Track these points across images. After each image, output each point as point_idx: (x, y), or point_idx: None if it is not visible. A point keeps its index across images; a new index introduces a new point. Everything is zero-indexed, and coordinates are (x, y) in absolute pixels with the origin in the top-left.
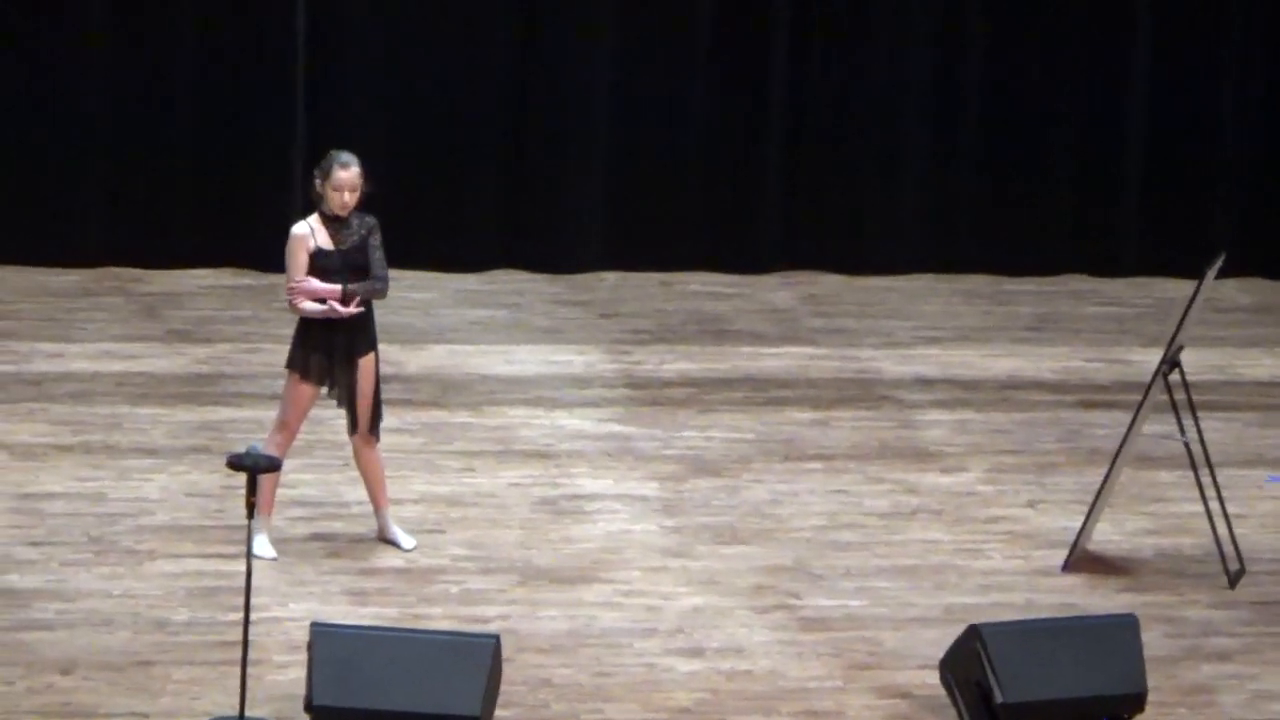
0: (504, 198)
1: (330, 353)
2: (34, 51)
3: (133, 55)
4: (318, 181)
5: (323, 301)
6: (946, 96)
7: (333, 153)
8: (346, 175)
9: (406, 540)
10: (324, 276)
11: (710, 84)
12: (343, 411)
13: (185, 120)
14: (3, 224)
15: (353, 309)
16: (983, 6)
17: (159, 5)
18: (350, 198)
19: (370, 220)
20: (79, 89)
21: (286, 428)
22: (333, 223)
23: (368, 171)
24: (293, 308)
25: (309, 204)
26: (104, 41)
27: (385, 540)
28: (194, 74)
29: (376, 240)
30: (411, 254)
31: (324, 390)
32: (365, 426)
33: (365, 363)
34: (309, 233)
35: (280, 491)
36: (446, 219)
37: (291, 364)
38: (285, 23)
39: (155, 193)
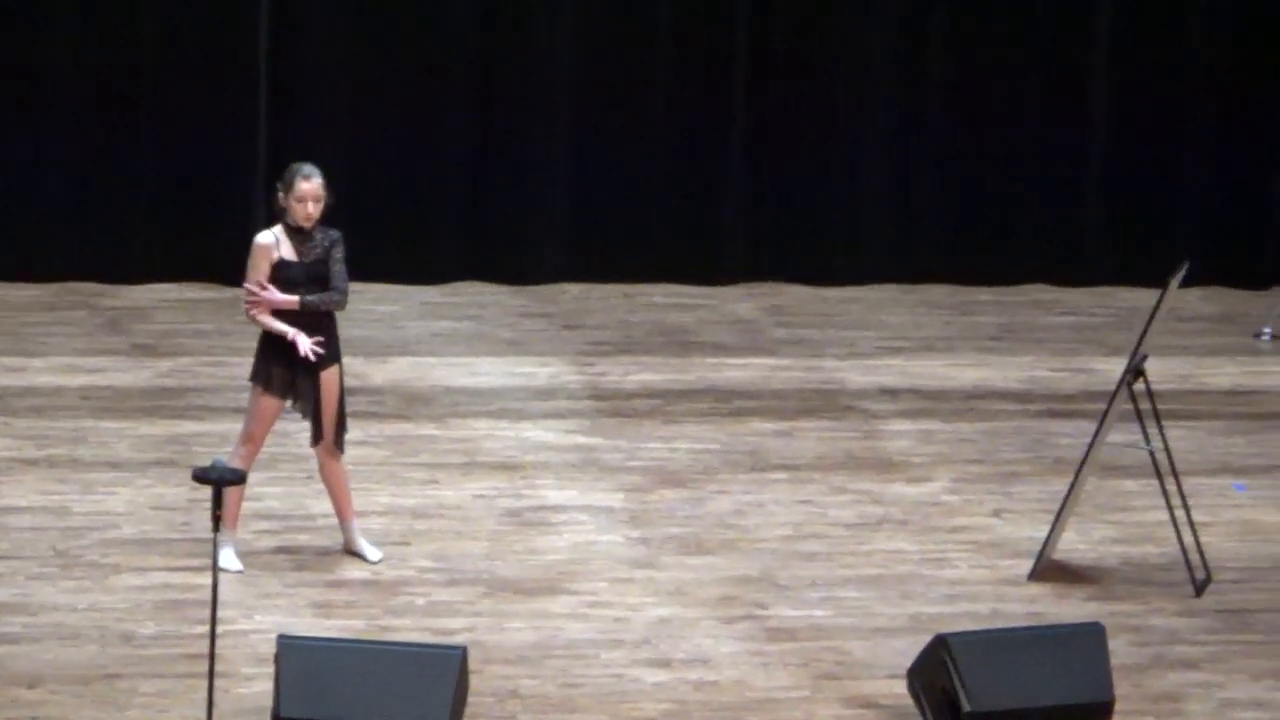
0: (466, 210)
1: (293, 365)
2: None
3: (95, 67)
4: (280, 194)
5: (283, 315)
6: (907, 107)
7: (294, 165)
8: (309, 186)
9: (372, 552)
10: (286, 288)
11: (672, 95)
12: (307, 424)
13: (147, 134)
14: None
15: (311, 350)
16: (944, 14)
17: (122, 18)
18: (314, 208)
19: (334, 234)
20: (41, 102)
21: (251, 440)
22: (296, 234)
23: (330, 184)
24: (251, 318)
25: (272, 216)
26: (67, 54)
27: (351, 552)
28: (156, 87)
29: (339, 253)
30: (375, 266)
31: (288, 403)
32: (329, 439)
33: (328, 375)
34: (273, 242)
35: (245, 504)
36: (409, 231)
37: (255, 376)
38: (247, 34)
39: (118, 207)
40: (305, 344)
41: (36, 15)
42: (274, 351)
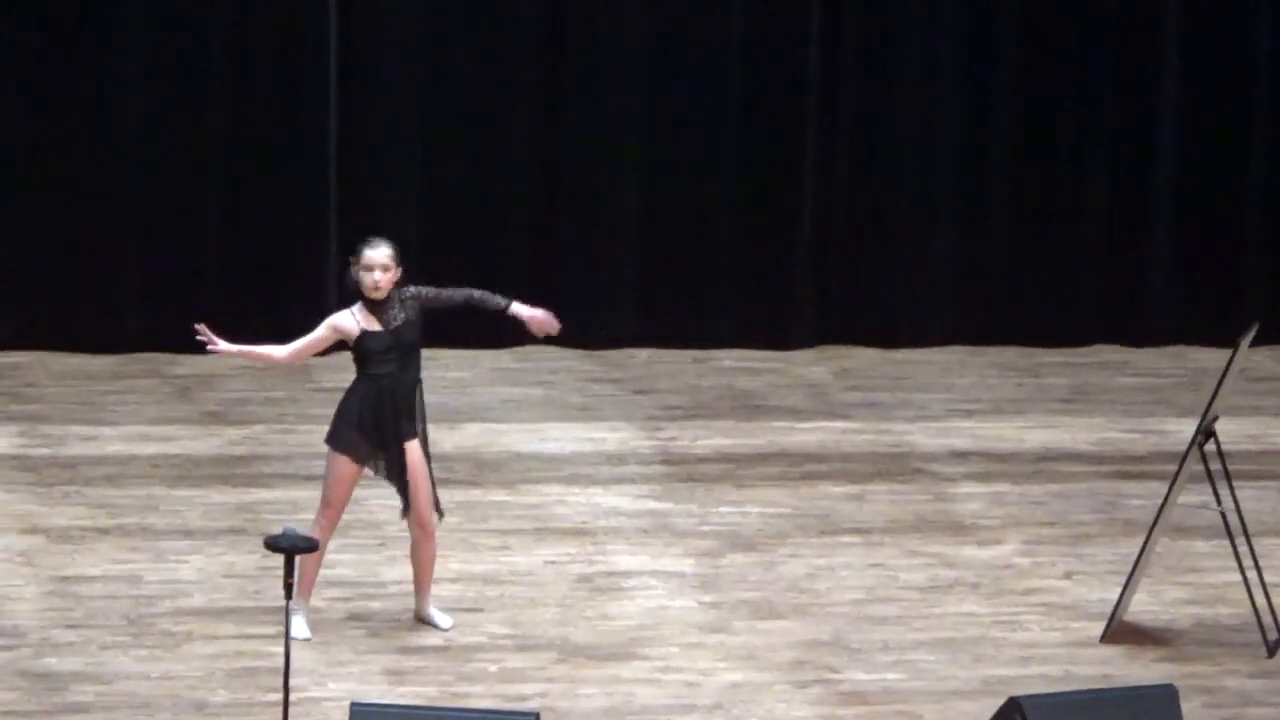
0: (535, 275)
1: (380, 434)
2: (68, 138)
3: (166, 141)
4: (352, 267)
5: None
6: (975, 169)
7: (366, 239)
8: (375, 254)
9: (444, 620)
10: (376, 360)
11: (741, 160)
12: (380, 490)
13: (218, 204)
14: (37, 310)
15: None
16: (1011, 80)
17: (192, 90)
18: (382, 277)
19: (410, 291)
20: (113, 175)
21: (330, 505)
22: (374, 306)
23: (400, 255)
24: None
25: (343, 292)
26: (138, 129)
27: (423, 620)
28: (227, 160)
29: (432, 292)
30: (445, 333)
31: (368, 471)
32: (426, 516)
33: (414, 448)
34: (351, 321)
35: (318, 572)
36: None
37: (330, 439)
38: (318, 107)
39: (187, 276)
40: (223, 346)
41: (106, 87)
42: (351, 414)
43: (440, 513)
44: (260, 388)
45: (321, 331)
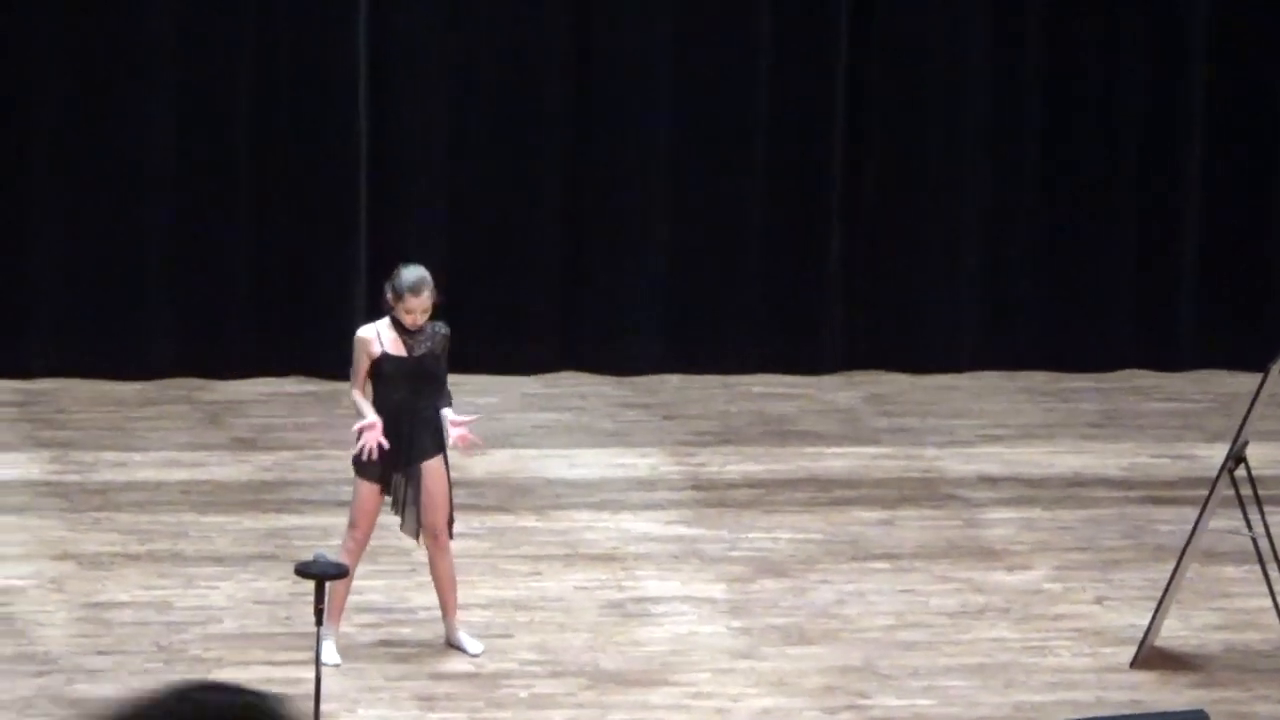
0: (565, 301)
1: (394, 456)
2: (98, 166)
3: (194, 167)
4: (389, 295)
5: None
6: (1004, 194)
7: (403, 272)
8: (417, 301)
9: (474, 645)
10: (391, 382)
11: (769, 185)
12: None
13: (247, 230)
14: (67, 336)
15: (371, 450)
16: (1039, 101)
17: (220, 113)
18: (422, 317)
19: (442, 330)
20: (140, 199)
21: (356, 527)
22: (403, 329)
23: (437, 283)
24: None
25: (373, 310)
26: (167, 157)
27: (453, 645)
28: (255, 186)
29: (444, 351)
30: (474, 358)
31: (386, 498)
32: (440, 530)
33: (433, 465)
34: (373, 337)
35: (348, 599)
36: (508, 323)
37: (354, 464)
38: (346, 130)
39: (218, 301)
40: (371, 440)
41: (134, 115)
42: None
43: (450, 535)
44: (290, 414)
45: (363, 357)
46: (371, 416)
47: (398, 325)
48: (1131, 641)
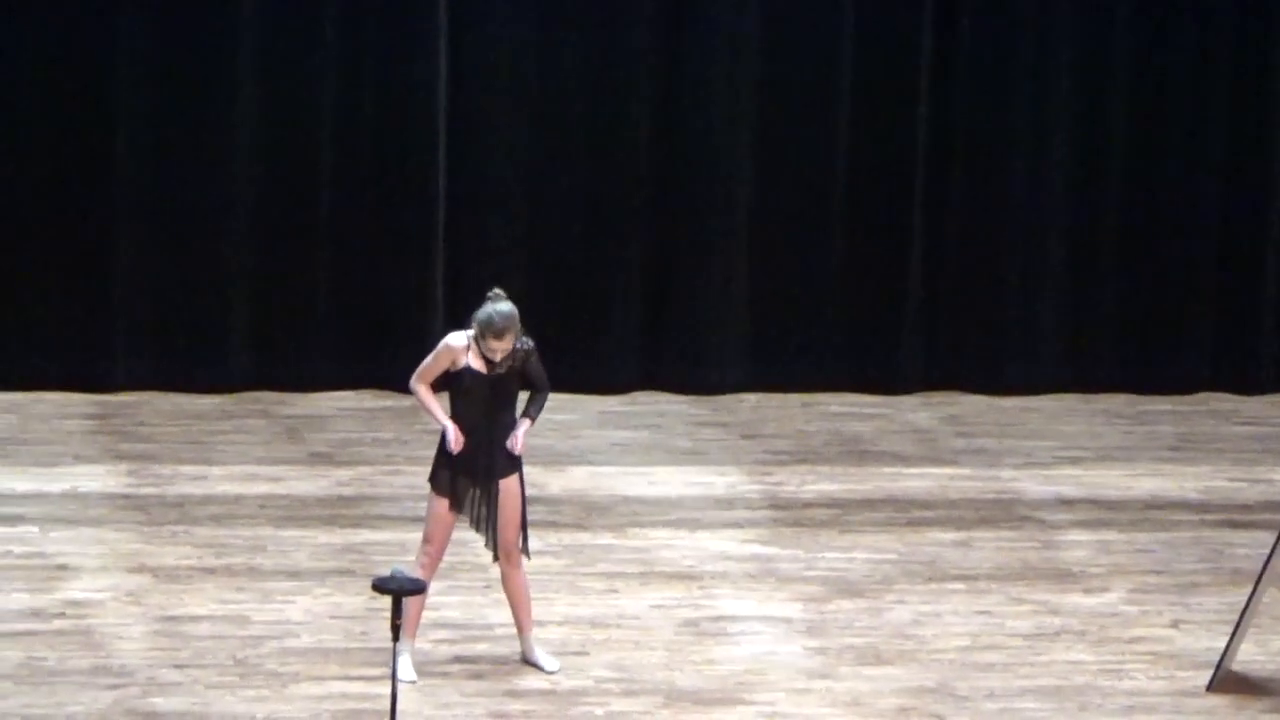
0: (645, 320)
1: (471, 472)
2: (179, 181)
3: (273, 181)
4: (475, 327)
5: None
6: (1084, 216)
7: (491, 310)
8: (499, 344)
9: (550, 662)
10: (469, 396)
11: (850, 206)
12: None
13: (325, 244)
14: (147, 350)
15: (455, 441)
16: (1122, 126)
17: (299, 132)
18: (500, 357)
19: (528, 345)
20: (222, 217)
21: (430, 542)
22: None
23: (520, 326)
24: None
25: (453, 324)
26: (246, 169)
27: (529, 663)
28: (333, 199)
29: (536, 361)
30: (553, 376)
31: (459, 514)
32: (512, 547)
33: (508, 484)
34: (462, 348)
35: (425, 614)
36: (588, 342)
37: (431, 479)
38: (426, 145)
39: (297, 316)
40: (452, 436)
41: (217, 131)
42: (444, 453)
43: (527, 555)
44: (368, 429)
45: (440, 351)
46: (446, 420)
47: (479, 347)
48: (1208, 665)
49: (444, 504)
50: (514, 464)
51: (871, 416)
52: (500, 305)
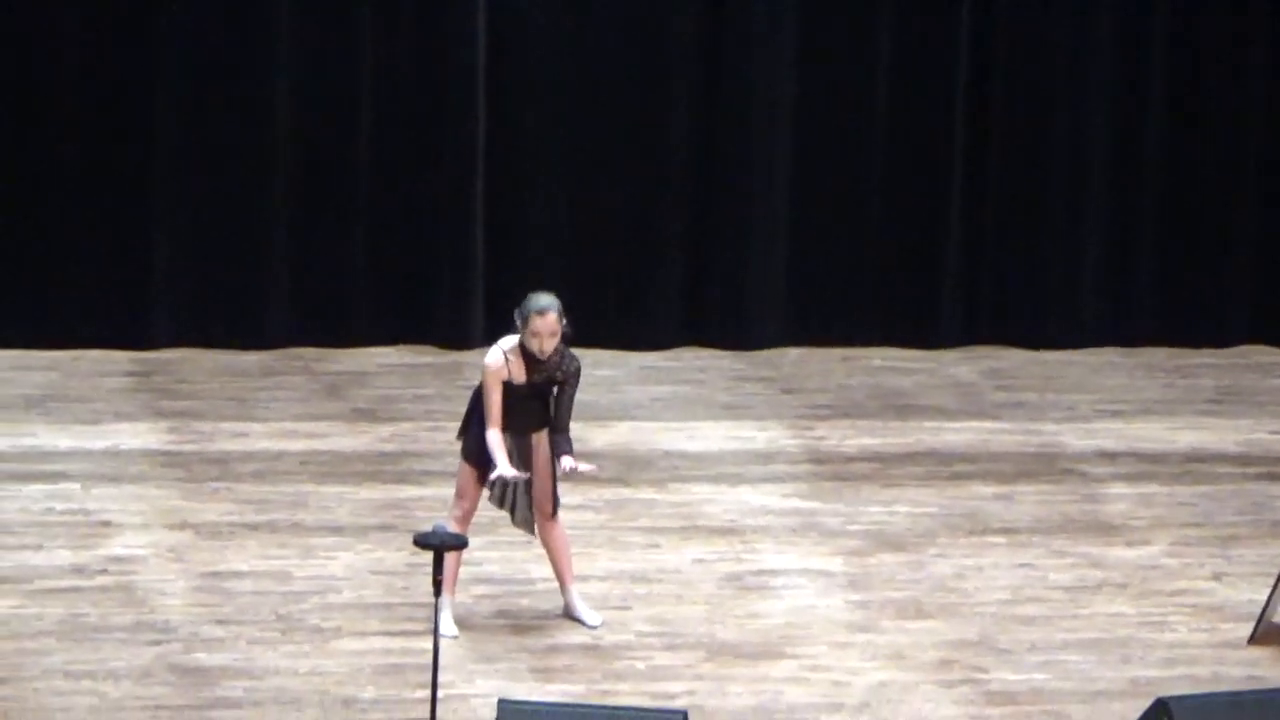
0: (686, 276)
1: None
2: (220, 141)
3: (313, 136)
4: (518, 320)
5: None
6: (1126, 170)
7: (532, 298)
8: (543, 322)
9: (592, 617)
10: (504, 406)
11: (890, 162)
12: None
13: (364, 199)
14: (187, 307)
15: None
16: (1163, 81)
17: (340, 86)
18: (549, 342)
19: (575, 364)
20: (261, 173)
21: (463, 496)
22: (531, 358)
23: (565, 316)
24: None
25: (493, 280)
26: (285, 125)
27: (571, 617)
28: (373, 154)
29: (571, 390)
30: (595, 332)
31: (485, 490)
32: (547, 501)
33: (540, 439)
34: (502, 364)
35: (465, 569)
36: (629, 297)
37: (460, 435)
38: (465, 100)
39: (337, 273)
40: (509, 474)
41: (256, 92)
42: (478, 415)
43: (554, 513)
44: (409, 385)
45: (487, 381)
46: (509, 471)
47: (525, 353)
48: (1249, 617)
49: (472, 471)
50: (546, 421)
51: (913, 371)
52: (535, 292)
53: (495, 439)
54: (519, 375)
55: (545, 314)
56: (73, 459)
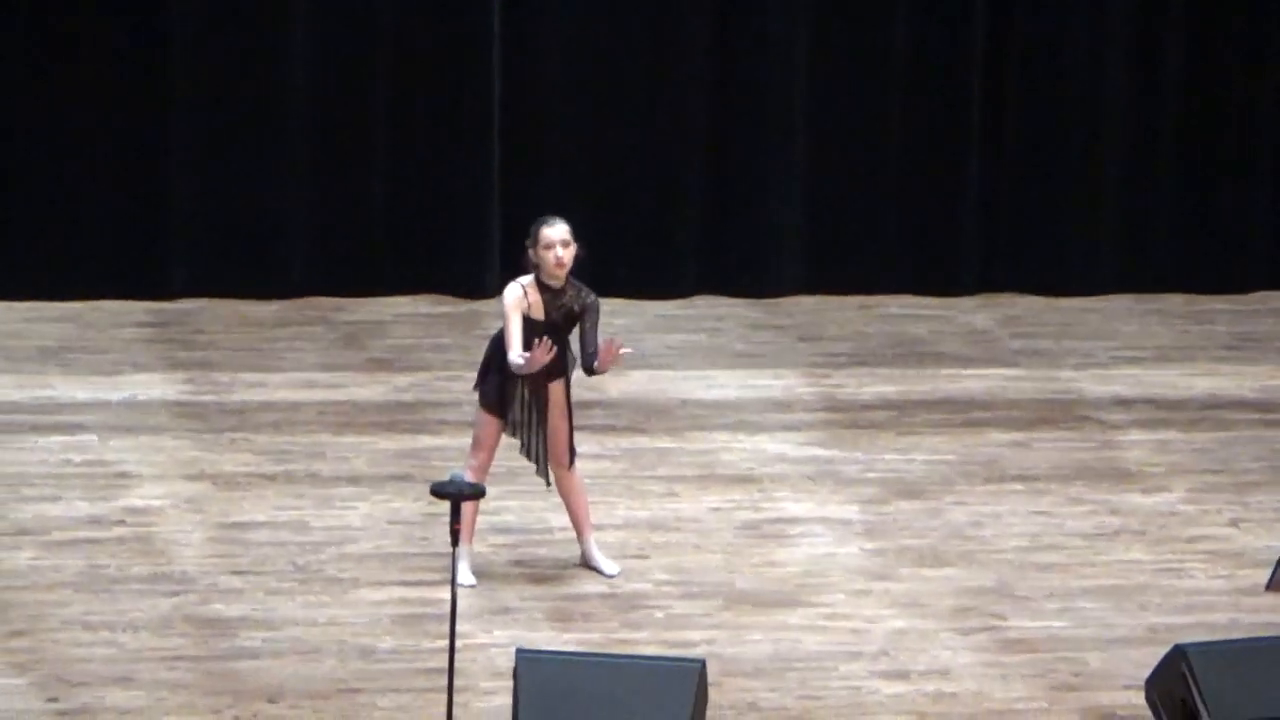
0: (703, 224)
1: (514, 378)
2: (236, 89)
3: (329, 85)
4: (530, 251)
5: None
6: (1143, 117)
7: (539, 219)
8: (553, 231)
9: (610, 566)
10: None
11: (907, 108)
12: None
13: (382, 150)
14: (204, 257)
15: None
16: (1181, 26)
17: (357, 33)
18: (564, 253)
19: (590, 299)
20: (279, 119)
21: (479, 446)
22: (547, 291)
23: (577, 234)
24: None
25: (510, 227)
26: (302, 73)
27: (588, 567)
28: (391, 102)
29: (592, 322)
30: (611, 280)
31: (506, 430)
32: (564, 452)
33: (555, 388)
34: (522, 295)
35: (483, 518)
36: (645, 245)
37: (476, 385)
38: (482, 47)
39: (354, 221)
40: (519, 359)
41: (272, 35)
42: (496, 362)
43: (570, 463)
44: (426, 334)
45: (508, 313)
46: (519, 358)
47: (541, 286)
48: (1267, 564)
49: (491, 420)
50: (562, 368)
51: (929, 318)
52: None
53: (515, 350)
54: (537, 310)
55: (554, 223)
56: (90, 410)
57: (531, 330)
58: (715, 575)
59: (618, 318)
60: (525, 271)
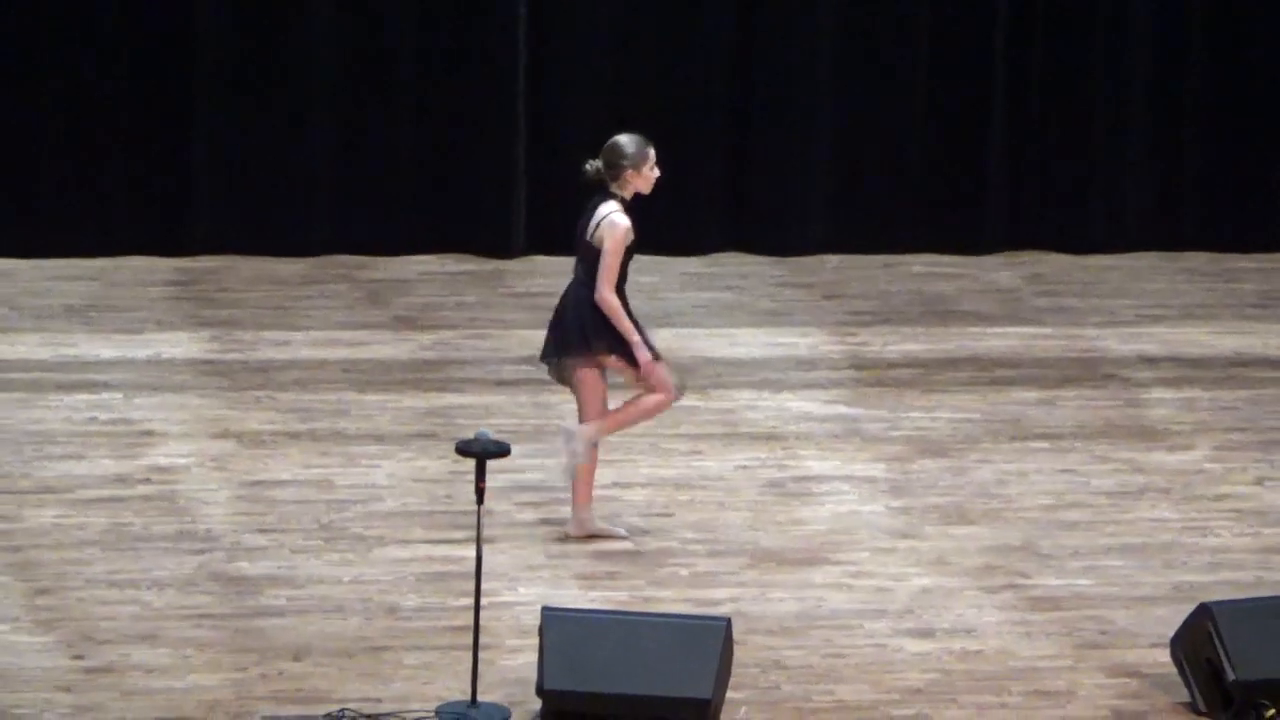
0: (727, 182)
1: (559, 324)
2: (260, 46)
3: (354, 42)
4: (627, 172)
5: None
6: (1169, 74)
7: (624, 138)
8: (653, 152)
9: (617, 530)
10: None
11: (933, 65)
12: (570, 398)
13: (407, 105)
14: (229, 215)
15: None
16: None
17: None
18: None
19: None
20: (301, 77)
21: (597, 396)
22: (631, 213)
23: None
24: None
25: (535, 185)
26: (326, 30)
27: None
28: (416, 60)
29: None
30: (637, 238)
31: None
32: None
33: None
34: (630, 225)
35: (508, 477)
36: (671, 204)
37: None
38: (508, 8)
39: (378, 180)
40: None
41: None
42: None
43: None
44: (450, 293)
45: (620, 240)
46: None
47: (628, 207)
48: None
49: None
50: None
51: (954, 276)
52: (617, 138)
53: (618, 305)
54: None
55: (649, 142)
56: (114, 368)
57: (630, 257)
58: (740, 533)
59: (643, 275)
60: (606, 194)
